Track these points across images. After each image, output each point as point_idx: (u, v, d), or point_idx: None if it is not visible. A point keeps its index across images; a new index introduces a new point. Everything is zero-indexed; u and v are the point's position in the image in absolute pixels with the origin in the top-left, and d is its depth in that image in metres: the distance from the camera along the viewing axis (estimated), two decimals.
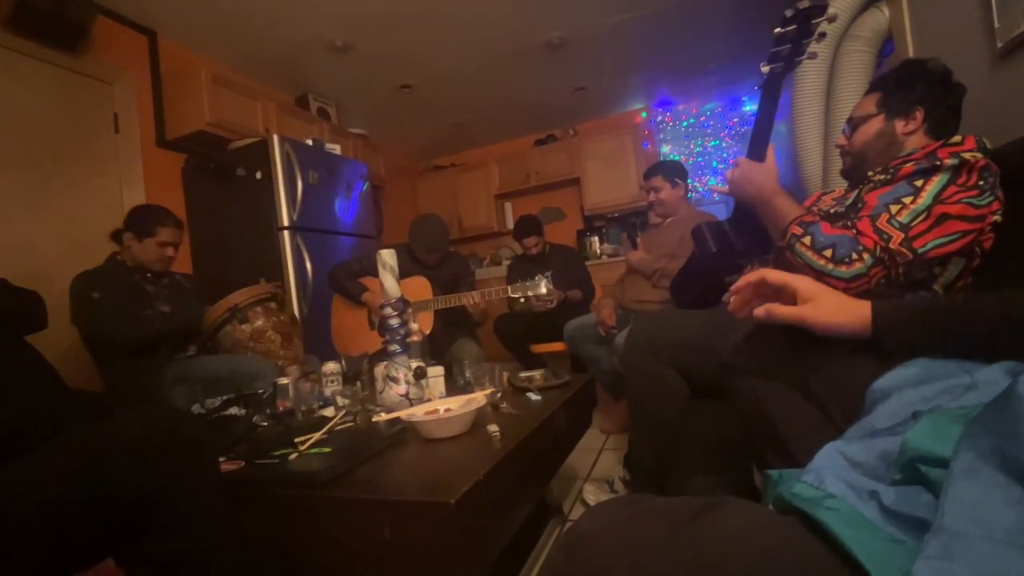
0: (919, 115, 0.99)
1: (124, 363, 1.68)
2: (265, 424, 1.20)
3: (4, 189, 1.95)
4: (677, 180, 2.12)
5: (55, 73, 2.15)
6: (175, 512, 0.70)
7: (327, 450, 0.95)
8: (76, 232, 2.15)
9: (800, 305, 0.64)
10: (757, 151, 1.04)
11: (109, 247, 1.87)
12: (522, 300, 2.02)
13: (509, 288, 2.02)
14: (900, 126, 1.01)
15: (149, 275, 1.85)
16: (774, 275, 0.67)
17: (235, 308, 1.81)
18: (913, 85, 1.00)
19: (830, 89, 1.87)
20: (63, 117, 2.17)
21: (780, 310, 0.65)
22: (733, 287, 0.73)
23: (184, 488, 0.71)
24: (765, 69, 0.96)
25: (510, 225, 4.72)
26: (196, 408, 1.29)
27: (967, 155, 0.85)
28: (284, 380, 1.33)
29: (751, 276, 0.70)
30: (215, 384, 1.52)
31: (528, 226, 2.77)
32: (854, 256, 0.87)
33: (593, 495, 1.50)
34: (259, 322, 1.84)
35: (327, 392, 1.42)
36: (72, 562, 0.69)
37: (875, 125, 1.04)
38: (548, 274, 1.97)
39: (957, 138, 0.91)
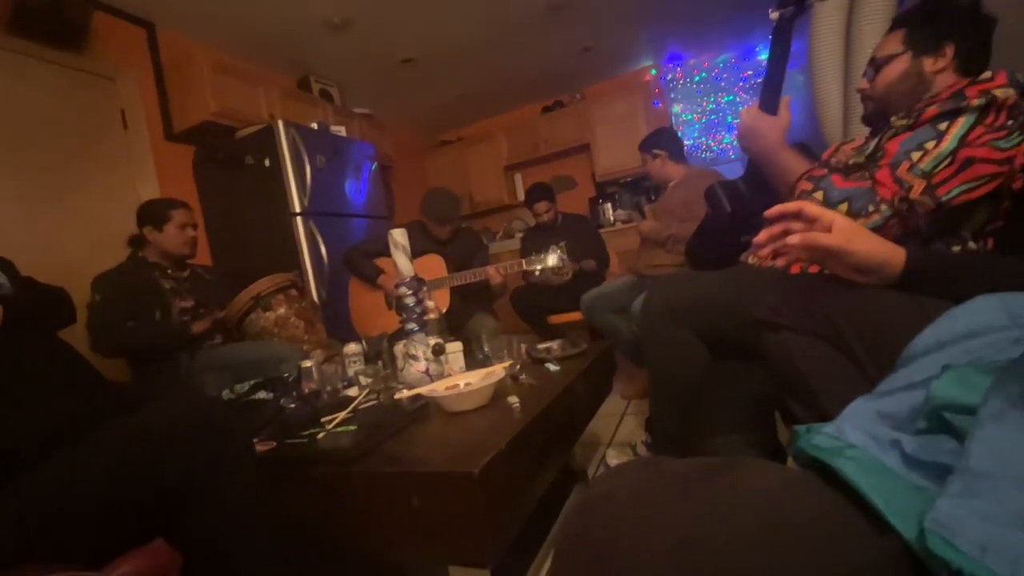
0: (949, 51, 0.93)
1: (150, 356, 1.73)
2: (292, 406, 1.24)
3: (26, 191, 2.00)
4: (655, 151, 2.20)
5: (60, 73, 2.16)
6: (215, 492, 0.73)
7: (353, 428, 0.97)
8: (96, 230, 2.21)
9: (837, 234, 0.63)
10: (769, 102, 0.99)
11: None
12: (537, 272, 2.02)
13: (524, 261, 2.02)
14: (928, 64, 0.94)
15: (170, 271, 1.87)
16: (812, 207, 0.65)
17: (258, 296, 1.86)
18: (942, 19, 0.93)
19: (849, 32, 1.77)
20: (73, 116, 2.20)
21: (821, 238, 0.63)
22: (766, 213, 0.69)
23: (222, 469, 0.74)
24: (774, 15, 0.91)
25: (521, 197, 4.64)
26: (226, 394, 1.33)
27: (998, 92, 0.80)
28: (308, 363, 1.36)
29: (788, 205, 0.67)
30: (242, 370, 1.57)
31: (538, 192, 2.75)
32: (871, 208, 0.84)
33: (616, 460, 1.52)
34: (282, 309, 1.88)
35: (350, 372, 1.45)
36: (122, 542, 0.73)
37: (900, 65, 0.97)
38: (562, 244, 1.96)
39: (987, 74, 0.85)
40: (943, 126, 0.84)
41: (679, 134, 2.50)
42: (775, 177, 1.01)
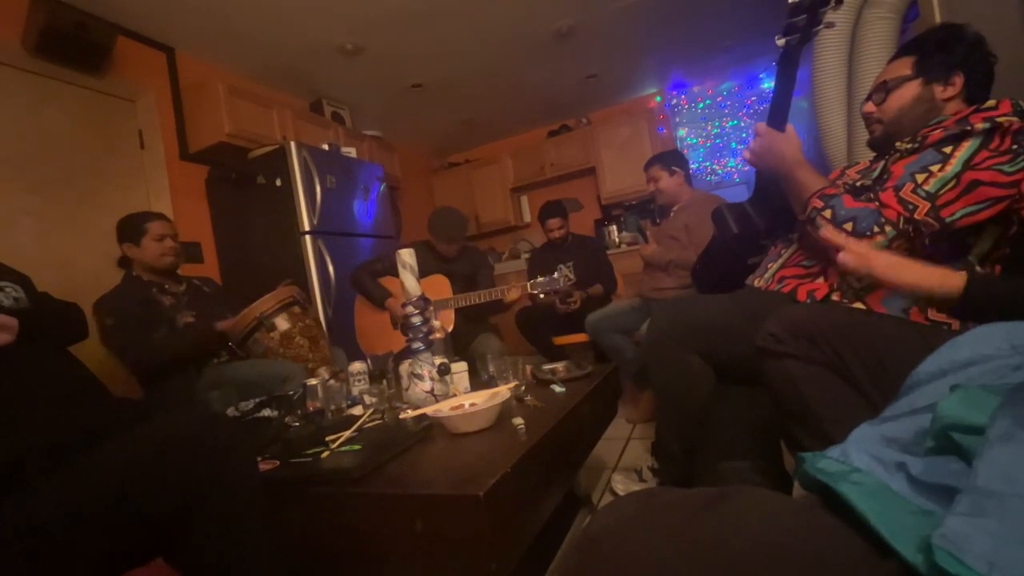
0: (958, 81, 0.95)
1: (160, 373, 1.73)
2: (297, 424, 1.24)
3: (43, 208, 2.04)
4: (674, 168, 2.17)
5: (82, 94, 2.23)
6: (218, 510, 0.73)
7: (357, 447, 0.97)
8: (111, 246, 2.22)
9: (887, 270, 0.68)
10: (776, 125, 1.01)
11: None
12: (542, 296, 2.02)
13: (528, 284, 2.03)
14: (939, 91, 0.96)
15: (166, 286, 1.85)
16: (856, 246, 0.73)
17: (262, 316, 1.83)
18: (953, 49, 0.96)
19: (852, 60, 1.80)
20: (92, 136, 2.26)
21: (875, 260, 0.69)
22: (821, 234, 0.75)
23: (225, 487, 0.74)
24: (780, 42, 0.93)
25: (527, 219, 4.71)
26: (231, 411, 1.33)
27: (1002, 119, 0.82)
28: (313, 381, 1.36)
29: (836, 239, 0.74)
30: (247, 388, 1.57)
31: (551, 208, 2.79)
32: (875, 229, 0.85)
33: (622, 484, 1.49)
34: (286, 327, 1.87)
35: (355, 391, 1.45)
36: (125, 560, 0.73)
37: (912, 90, 0.98)
38: (570, 264, 1.96)
39: (991, 102, 0.87)
40: (948, 149, 0.85)
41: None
42: (792, 193, 1.02)
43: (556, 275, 1.94)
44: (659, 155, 2.26)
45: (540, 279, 2.00)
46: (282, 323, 1.86)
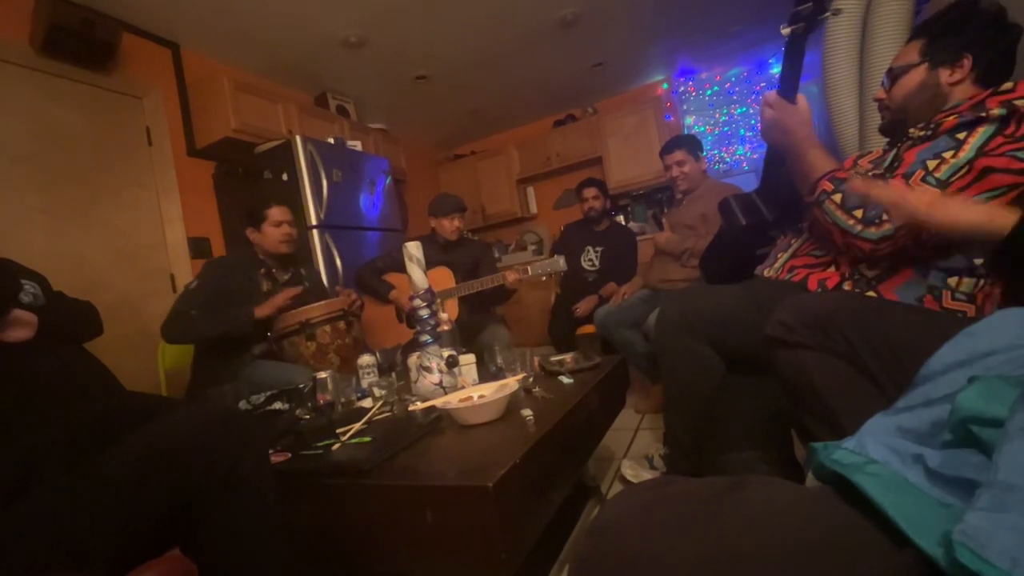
0: (966, 63, 0.92)
1: (213, 354, 1.75)
2: (307, 417, 1.25)
3: (55, 206, 2.07)
4: (699, 153, 2.11)
5: (90, 92, 2.24)
6: (231, 502, 0.74)
7: (367, 439, 0.98)
8: (121, 242, 2.27)
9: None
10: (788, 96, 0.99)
11: (159, 256, 1.90)
12: (544, 279, 2.01)
13: (528, 268, 2.03)
14: (945, 75, 0.94)
15: (274, 270, 1.91)
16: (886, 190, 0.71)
17: (306, 323, 1.78)
18: (961, 29, 0.93)
19: (864, 43, 1.76)
20: (101, 134, 2.27)
21: (912, 199, 0.69)
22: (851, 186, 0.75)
23: (238, 479, 0.75)
24: (785, 31, 0.91)
25: (533, 210, 4.69)
26: (243, 404, 1.35)
27: (1019, 102, 0.79)
28: (323, 374, 1.38)
29: (866, 188, 0.72)
30: (264, 389, 1.57)
31: (588, 181, 2.78)
32: (884, 217, 0.84)
33: (632, 471, 1.49)
34: (325, 341, 1.81)
35: (364, 384, 1.46)
36: (141, 551, 0.74)
37: (917, 76, 0.96)
38: (598, 250, 1.93)
39: (1008, 84, 0.84)
40: (962, 135, 0.83)
41: None
42: (798, 172, 1.00)
43: (557, 257, 1.95)
44: (682, 138, 2.16)
45: (544, 261, 2.00)
46: (323, 336, 1.81)
